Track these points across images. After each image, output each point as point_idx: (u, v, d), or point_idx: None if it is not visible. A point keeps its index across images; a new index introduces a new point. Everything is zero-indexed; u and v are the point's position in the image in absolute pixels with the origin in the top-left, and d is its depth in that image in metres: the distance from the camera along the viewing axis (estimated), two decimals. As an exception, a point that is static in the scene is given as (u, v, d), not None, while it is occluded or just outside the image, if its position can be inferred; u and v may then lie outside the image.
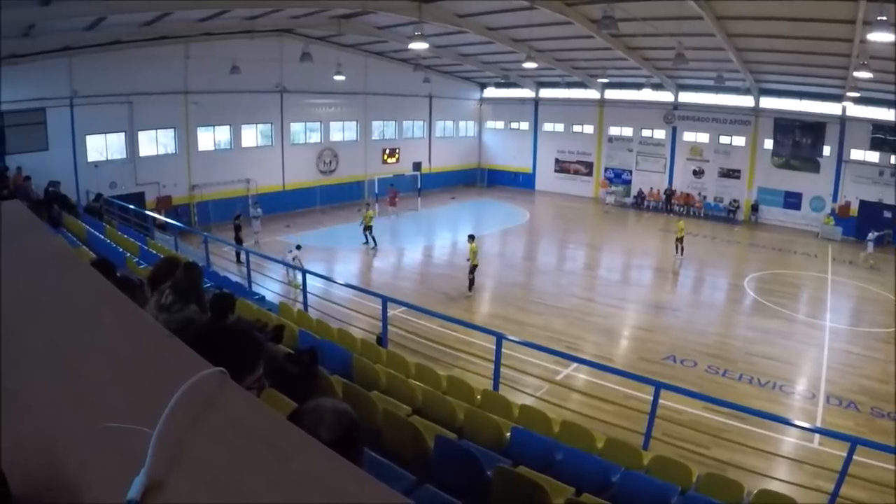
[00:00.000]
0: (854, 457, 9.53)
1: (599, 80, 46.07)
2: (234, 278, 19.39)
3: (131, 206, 25.58)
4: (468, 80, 53.68)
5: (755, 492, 8.97)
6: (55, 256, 3.38)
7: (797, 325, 23.52)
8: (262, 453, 1.54)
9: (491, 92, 55.22)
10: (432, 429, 8.05)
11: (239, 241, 27.68)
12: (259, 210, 32.20)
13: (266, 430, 1.67)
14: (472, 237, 25.03)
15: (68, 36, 26.66)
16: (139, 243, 18.78)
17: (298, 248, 23.95)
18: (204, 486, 1.44)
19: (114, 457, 1.51)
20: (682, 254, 32.81)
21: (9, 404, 1.77)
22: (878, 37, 18.04)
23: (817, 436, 14.48)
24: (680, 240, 32.69)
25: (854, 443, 9.68)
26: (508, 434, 8.93)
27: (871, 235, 26.51)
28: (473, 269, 24.69)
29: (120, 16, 25.23)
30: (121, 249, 16.56)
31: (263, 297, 17.70)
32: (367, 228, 31.66)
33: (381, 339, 14.94)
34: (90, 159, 30.58)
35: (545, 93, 51.81)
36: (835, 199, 40.86)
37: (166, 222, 25.27)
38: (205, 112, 34.65)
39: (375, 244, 31.64)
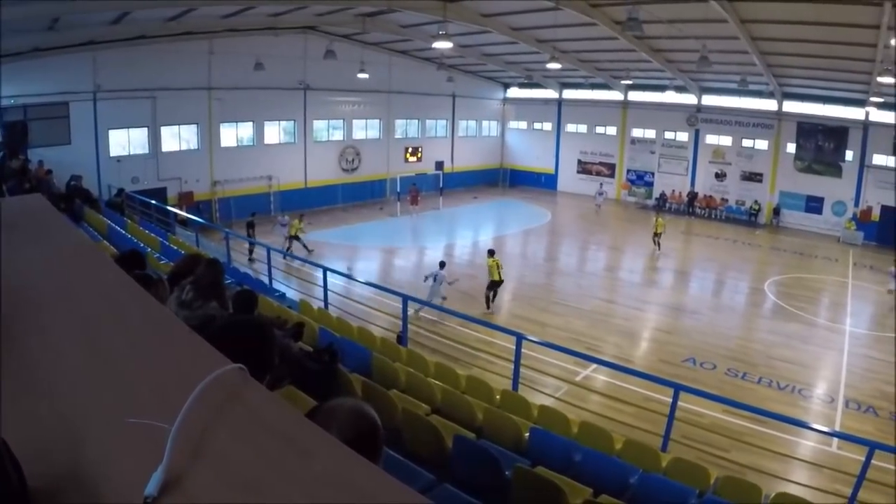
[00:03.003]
0: (872, 461, 9.52)
1: (623, 82, 45.83)
2: (256, 275, 19.47)
3: (153, 202, 25.70)
4: (492, 80, 53.64)
5: (773, 495, 8.93)
6: (76, 251, 3.40)
7: (817, 330, 23.40)
8: (281, 450, 1.54)
9: (514, 92, 55.16)
10: (451, 428, 8.05)
11: (251, 238, 27.64)
12: (286, 218, 31.86)
13: (285, 427, 1.67)
14: (491, 252, 23.69)
15: (93, 30, 26.82)
16: (161, 239, 18.82)
17: (442, 265, 22.59)
18: (222, 482, 1.45)
19: (133, 452, 1.52)
20: (659, 248, 33.32)
21: (29, 399, 1.79)
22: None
23: (836, 440, 14.39)
24: (658, 235, 33.21)
25: (873, 447, 9.66)
26: (527, 434, 8.91)
27: (892, 269, 26.26)
28: (493, 284, 23.00)
29: (144, 11, 25.36)
30: (142, 245, 16.60)
31: (284, 295, 17.76)
32: (294, 238, 29.19)
33: (401, 338, 14.96)
34: (112, 154, 30.68)
35: (568, 94, 51.73)
36: (857, 204, 40.62)
37: (188, 218, 25.36)
38: (228, 108, 34.75)
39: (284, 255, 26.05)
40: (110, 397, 1.79)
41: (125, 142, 31.53)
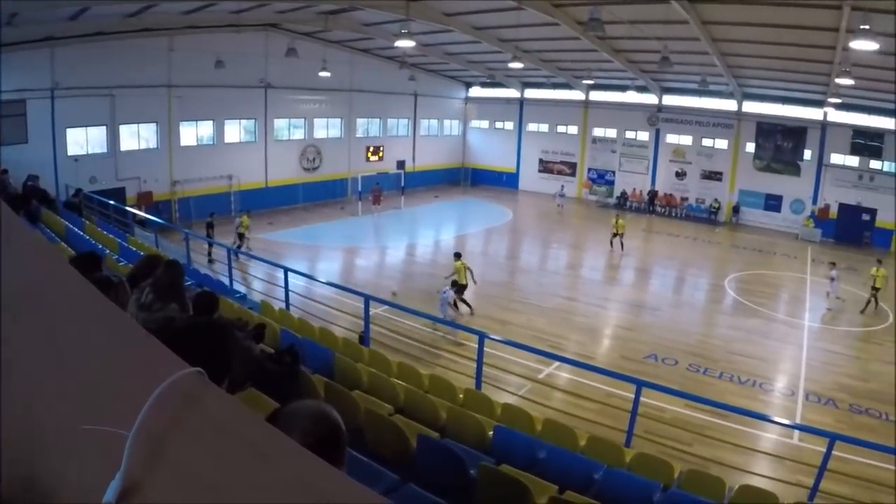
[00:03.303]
0: (833, 452, 9.68)
1: (584, 82, 46.13)
2: (216, 276, 19.32)
3: (111, 202, 25.38)
4: (454, 79, 53.70)
5: (737, 487, 9.04)
6: (32, 253, 3.34)
7: (777, 325, 23.73)
8: (240, 455, 1.51)
9: (476, 91, 55.25)
10: (415, 428, 8.04)
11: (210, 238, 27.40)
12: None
13: (244, 430, 1.64)
14: (458, 255, 23.46)
15: (51, 26, 26.48)
16: (119, 240, 18.60)
17: (454, 284, 21.68)
18: (180, 488, 1.42)
19: (90, 459, 1.49)
20: (622, 249, 33.44)
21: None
22: (861, 45, 18.20)
23: (797, 432, 14.62)
24: (618, 235, 33.40)
25: (833, 439, 9.85)
26: (491, 433, 8.93)
27: (832, 273, 26.49)
28: (461, 289, 22.38)
29: (104, 7, 25.07)
30: (100, 246, 16.41)
31: (244, 296, 17.65)
32: (240, 235, 28.43)
33: (363, 338, 14.93)
34: (70, 153, 30.09)
35: (530, 93, 51.94)
36: (815, 202, 41.38)
37: (147, 219, 25.10)
38: (188, 106, 34.37)
39: (237, 251, 25.91)
40: (66, 404, 1.75)
41: (83, 141, 30.95)
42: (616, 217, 34.31)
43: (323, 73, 36.94)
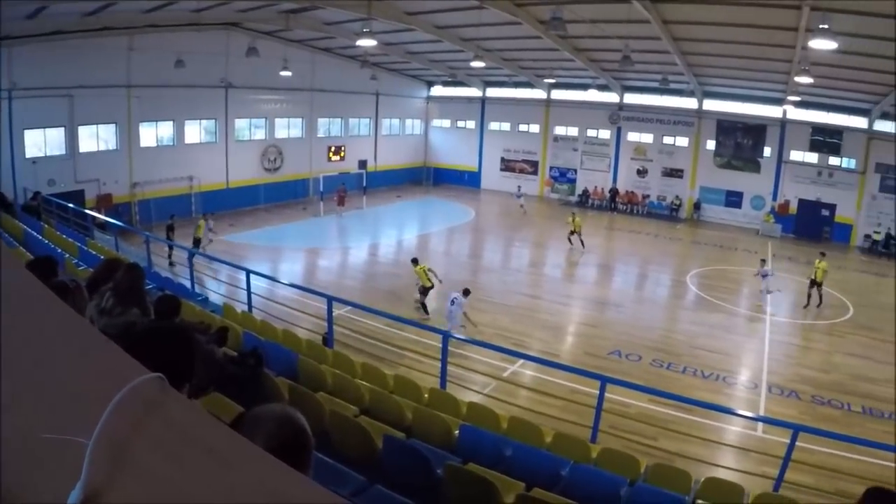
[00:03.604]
0: (797, 443, 9.83)
1: (546, 81, 46.44)
2: (177, 280, 19.16)
3: (70, 205, 25.06)
4: (415, 78, 53.65)
5: (703, 480, 9.13)
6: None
7: (739, 319, 24.07)
8: (202, 460, 1.49)
9: (438, 90, 55.28)
10: (380, 429, 8.03)
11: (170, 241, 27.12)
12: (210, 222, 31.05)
13: (206, 436, 1.61)
14: (415, 260, 23.27)
15: (7, 25, 25.98)
16: (78, 244, 18.36)
17: (466, 293, 20.77)
18: (143, 495, 1.39)
19: (50, 469, 1.45)
20: (583, 246, 33.62)
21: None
22: (820, 44, 18.40)
23: (761, 424, 14.86)
24: (575, 233, 33.68)
25: (796, 430, 10.03)
26: (457, 432, 8.94)
27: (765, 269, 26.59)
28: (425, 290, 22.73)
29: (62, 5, 24.73)
30: (59, 250, 16.20)
31: (206, 299, 17.52)
32: (196, 239, 27.64)
33: (327, 340, 14.87)
34: (28, 155, 29.53)
35: (492, 92, 52.09)
36: (775, 198, 41.93)
37: (106, 221, 24.81)
38: (147, 107, 33.87)
39: (192, 252, 24.11)
40: (24, 412, 1.71)
41: (41, 142, 30.37)
42: (572, 215, 34.42)
43: (284, 73, 36.72)
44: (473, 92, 52.44)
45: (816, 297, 25.34)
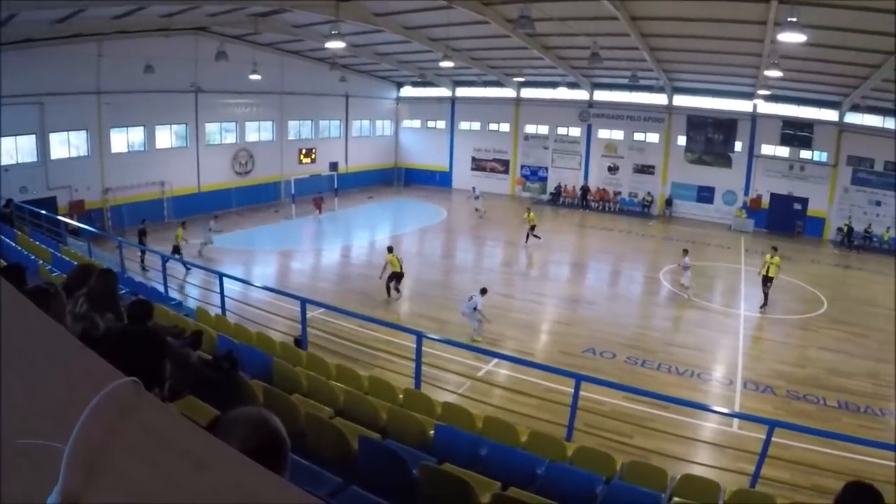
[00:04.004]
0: (773, 439, 9.86)
1: (515, 79, 46.59)
2: (150, 284, 19.05)
3: (43, 212, 24.93)
4: (385, 80, 53.64)
5: (679, 477, 9.15)
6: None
7: (713, 315, 24.18)
8: (178, 465, 1.49)
9: (407, 91, 55.28)
10: (356, 430, 8.02)
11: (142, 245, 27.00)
12: (212, 223, 31.25)
13: (182, 440, 1.61)
14: (390, 248, 24.50)
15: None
16: (52, 250, 18.27)
17: (483, 292, 20.97)
18: (119, 499, 1.39)
19: (26, 475, 1.45)
20: (538, 238, 34.15)
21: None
22: (789, 37, 18.50)
23: (737, 420, 14.88)
24: (532, 228, 34.09)
25: (772, 425, 10.06)
26: (432, 432, 8.95)
27: (685, 261, 26.71)
28: (395, 275, 23.73)
29: (31, 13, 24.53)
30: (33, 257, 16.13)
31: (180, 303, 17.45)
32: (176, 248, 26.93)
33: (300, 342, 14.84)
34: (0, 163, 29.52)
35: (461, 91, 52.17)
36: (746, 193, 42.28)
37: (79, 227, 24.67)
38: (118, 113, 33.67)
39: (186, 267, 24.97)
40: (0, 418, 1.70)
41: (13, 150, 30.13)
42: (527, 210, 34.63)
43: (254, 76, 36.67)
44: (443, 92, 52.49)
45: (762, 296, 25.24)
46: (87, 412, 1.45)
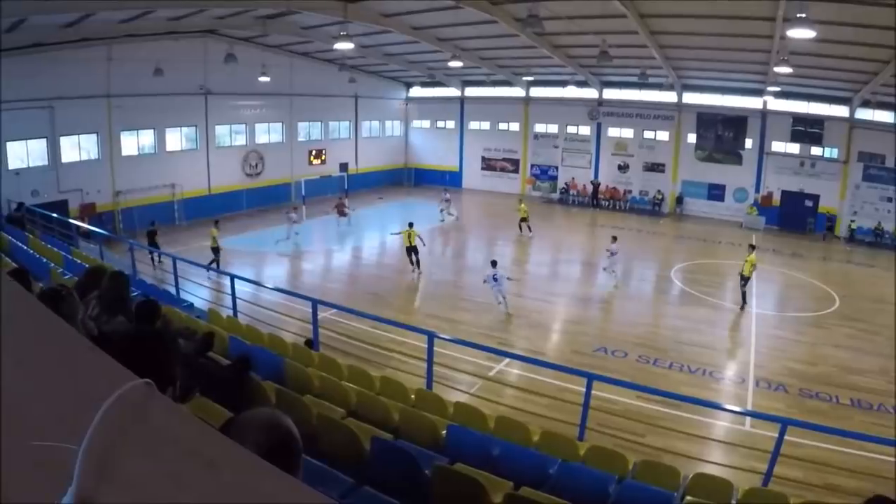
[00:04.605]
0: (786, 437, 9.81)
1: (524, 78, 46.58)
2: (162, 286, 19.09)
3: (54, 215, 25.02)
4: (394, 80, 53.66)
5: (691, 476, 9.10)
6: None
7: (724, 313, 24.08)
8: (191, 466, 1.49)
9: (417, 91, 55.29)
10: (368, 430, 8.02)
11: (154, 246, 27.19)
12: (293, 214, 33.19)
13: (195, 441, 1.62)
14: (411, 224, 27.06)
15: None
16: (63, 253, 18.30)
17: (494, 263, 22.89)
18: (134, 501, 1.39)
19: (40, 476, 1.46)
20: (530, 231, 35.21)
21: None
22: (798, 33, 18.44)
23: (749, 419, 14.77)
24: (524, 220, 35.17)
25: (785, 424, 10.00)
26: (444, 432, 8.93)
27: (612, 248, 26.76)
28: (410, 249, 27.03)
29: (41, 17, 24.61)
30: (45, 260, 16.16)
31: (192, 304, 17.46)
32: (216, 250, 27.54)
33: (312, 343, 14.85)
34: (11, 167, 29.54)
35: (471, 91, 52.11)
36: (757, 190, 42.05)
37: (90, 230, 24.75)
38: (128, 116, 33.81)
39: (217, 266, 26.40)
40: (13, 420, 1.71)
41: (24, 154, 30.34)
42: (519, 201, 34.85)
43: (263, 78, 36.69)
44: (452, 92, 52.46)
45: (740, 297, 24.93)
46: (100, 414, 1.46)
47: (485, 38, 34.97)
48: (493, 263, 22.12)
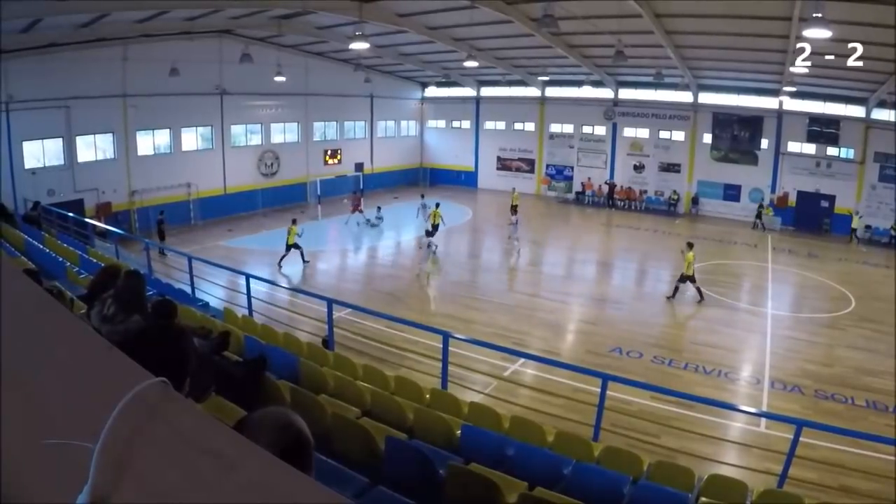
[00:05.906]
0: (801, 438, 9.76)
1: (540, 78, 46.50)
2: (178, 285, 19.14)
3: (70, 214, 25.13)
4: (409, 80, 53.73)
5: (706, 477, 9.08)
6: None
7: (740, 314, 23.96)
8: (206, 464, 1.49)
9: (432, 91, 55.35)
10: (382, 430, 8.01)
11: (162, 239, 27.42)
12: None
13: (210, 440, 1.62)
14: (437, 204, 29.07)
15: (3, 39, 26.03)
16: (79, 252, 18.35)
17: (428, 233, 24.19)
18: (148, 499, 1.40)
19: (56, 474, 1.46)
20: (515, 213, 35.57)
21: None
22: (814, 33, 18.34)
23: (764, 420, 14.70)
24: (514, 207, 35.95)
25: (800, 425, 9.96)
26: (459, 432, 8.92)
27: (514, 220, 27.58)
28: (435, 229, 29.09)
29: (56, 17, 24.72)
30: (60, 259, 16.23)
31: (207, 304, 17.49)
32: (294, 247, 28.57)
33: (328, 342, 14.86)
34: (27, 166, 29.65)
35: (486, 91, 52.10)
36: (773, 191, 41.82)
37: (106, 229, 24.86)
38: (144, 115, 33.94)
39: (302, 257, 28.58)
40: (30, 418, 1.71)
41: (40, 153, 30.48)
42: (513, 189, 35.16)
43: (278, 78, 36.71)
44: (468, 92, 52.45)
45: (696, 293, 24.94)
46: (115, 412, 1.47)
47: (500, 38, 34.97)
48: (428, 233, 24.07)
